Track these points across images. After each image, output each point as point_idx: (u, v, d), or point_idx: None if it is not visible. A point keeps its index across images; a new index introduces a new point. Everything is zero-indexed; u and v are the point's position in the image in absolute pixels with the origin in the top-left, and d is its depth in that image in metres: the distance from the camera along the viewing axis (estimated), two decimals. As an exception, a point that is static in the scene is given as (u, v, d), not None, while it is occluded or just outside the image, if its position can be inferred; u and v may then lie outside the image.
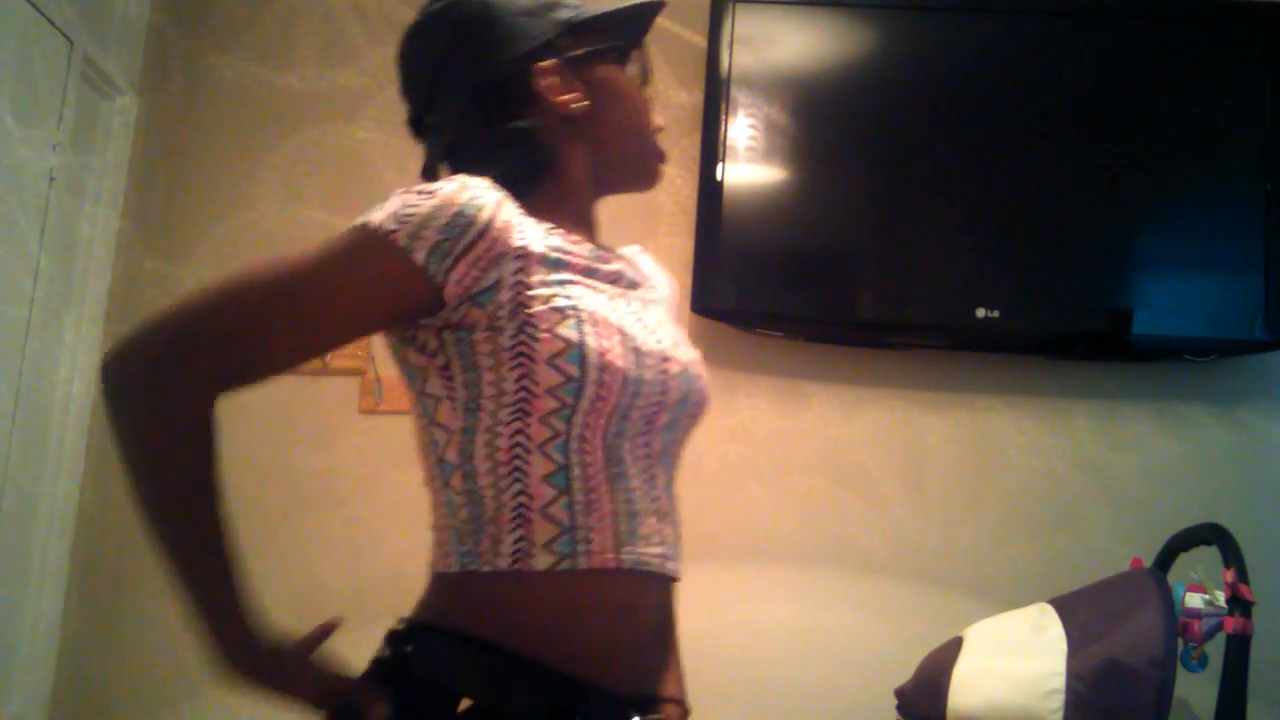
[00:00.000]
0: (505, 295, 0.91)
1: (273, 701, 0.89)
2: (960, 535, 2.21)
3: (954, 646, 1.77)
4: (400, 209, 0.91)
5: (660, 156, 1.11)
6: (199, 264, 2.35)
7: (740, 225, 2.21)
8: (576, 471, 0.92)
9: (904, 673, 1.85)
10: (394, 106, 2.63)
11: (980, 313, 2.13)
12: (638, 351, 0.94)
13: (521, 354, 0.90)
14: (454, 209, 0.91)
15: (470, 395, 0.93)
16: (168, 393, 0.85)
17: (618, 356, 0.92)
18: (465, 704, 0.90)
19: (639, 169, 1.11)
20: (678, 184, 2.33)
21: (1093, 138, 2.22)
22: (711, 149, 2.23)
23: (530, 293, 0.91)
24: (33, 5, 1.96)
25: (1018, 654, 1.67)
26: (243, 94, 2.41)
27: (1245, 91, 2.20)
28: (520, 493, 0.91)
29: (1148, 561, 1.88)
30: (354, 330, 0.94)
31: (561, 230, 0.99)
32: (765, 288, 2.23)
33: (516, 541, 0.90)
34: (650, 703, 0.97)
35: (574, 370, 0.90)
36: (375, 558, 2.19)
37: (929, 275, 2.22)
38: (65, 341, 2.16)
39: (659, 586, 0.98)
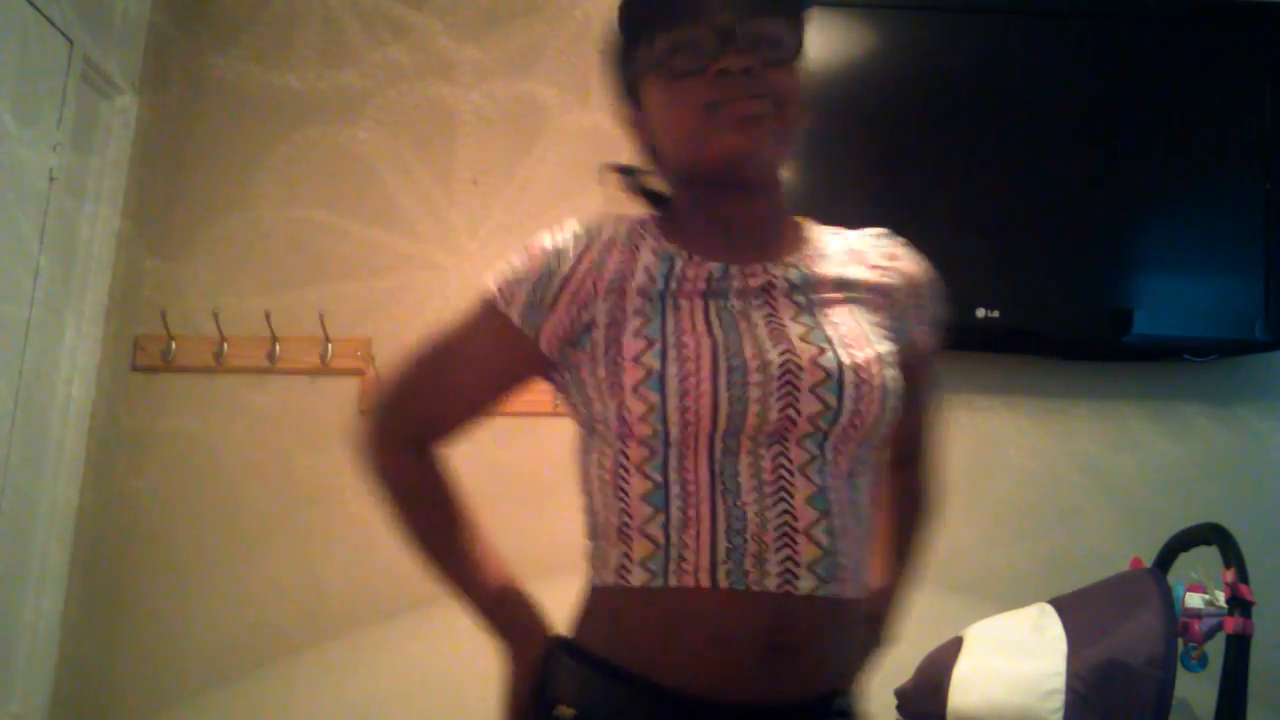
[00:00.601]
0: (599, 334, 0.99)
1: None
2: (960, 535, 2.21)
3: (954, 646, 1.78)
4: (503, 269, 1.03)
5: (714, 138, 0.97)
6: (199, 264, 2.35)
7: (740, 225, 2.21)
8: (675, 490, 0.94)
9: (904, 673, 1.85)
10: (394, 106, 2.64)
11: (980, 313, 2.13)
12: (730, 370, 0.94)
13: (614, 384, 0.96)
14: (539, 263, 1.02)
15: (587, 422, 1.01)
16: (373, 460, 1.09)
17: (704, 380, 0.93)
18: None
19: (705, 166, 1.00)
20: (678, 184, 2.33)
21: (1093, 138, 2.22)
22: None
23: (621, 325, 0.97)
24: (33, 5, 1.96)
25: (1018, 654, 1.67)
26: (243, 94, 2.41)
27: (1245, 91, 2.20)
28: (622, 511, 0.96)
29: (1148, 561, 1.88)
30: (497, 388, 1.06)
31: (682, 248, 1.02)
32: (765, 288, 2.23)
33: (620, 557, 0.96)
34: (750, 714, 0.93)
35: (655, 397, 0.94)
36: (375, 558, 2.19)
37: (929, 275, 2.21)
38: (65, 341, 2.16)
39: (771, 604, 0.92)
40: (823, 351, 0.97)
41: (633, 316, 0.97)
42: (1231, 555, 1.65)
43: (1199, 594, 1.77)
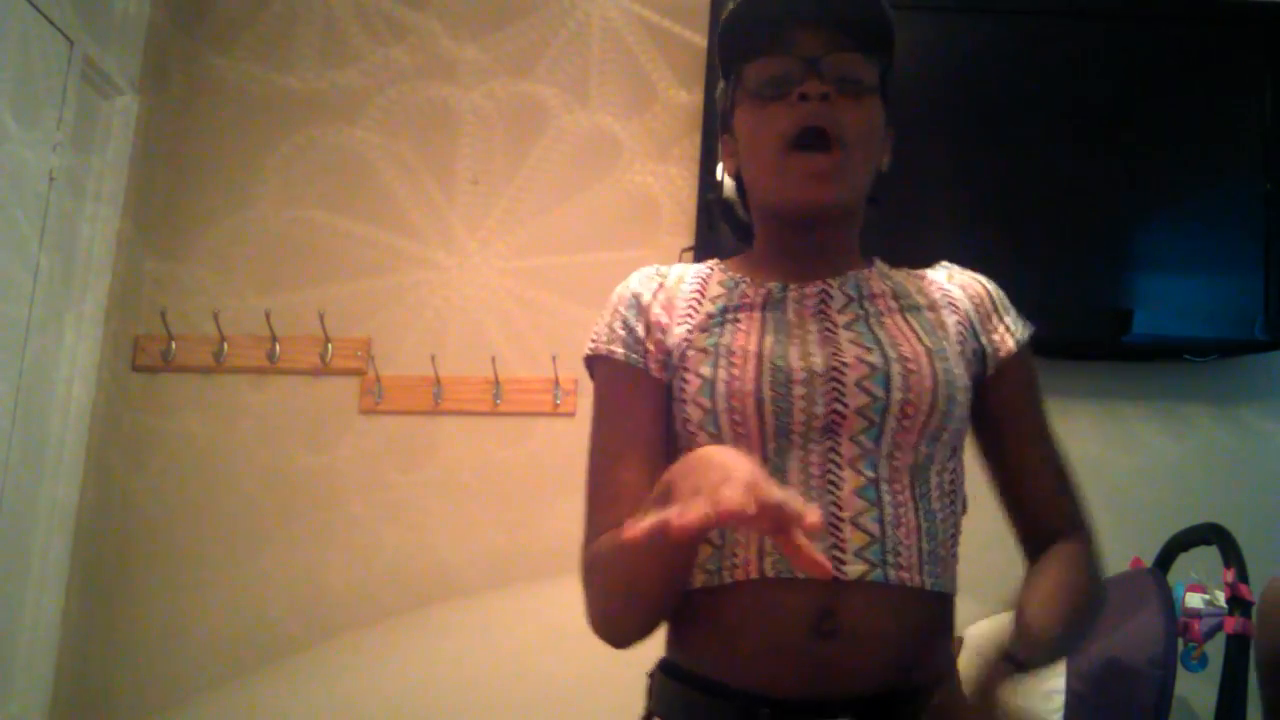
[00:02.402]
0: (676, 355, 1.04)
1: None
2: (960, 535, 2.20)
3: (954, 647, 1.77)
4: (593, 330, 1.10)
5: (787, 184, 1.04)
6: (199, 264, 2.35)
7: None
8: None
9: (904, 673, 1.84)
10: (394, 106, 2.64)
11: (980, 313, 2.13)
12: (774, 372, 0.99)
13: (680, 397, 1.02)
14: (623, 302, 1.09)
15: (674, 435, 1.05)
16: (584, 550, 1.04)
17: (747, 381, 0.98)
18: None
19: (782, 202, 1.06)
20: (678, 184, 2.33)
21: (1093, 138, 2.22)
22: (711, 149, 2.22)
23: (690, 343, 1.04)
24: (33, 5, 1.96)
25: (1018, 654, 1.67)
26: (243, 94, 2.41)
27: (1245, 91, 2.20)
28: None
29: (1148, 561, 1.88)
30: (642, 434, 1.05)
31: (746, 275, 1.09)
32: (765, 288, 2.23)
33: None
34: (814, 708, 0.92)
35: (707, 403, 0.99)
36: (375, 558, 2.19)
37: (929, 275, 2.21)
38: (65, 341, 2.16)
39: (819, 590, 0.93)
40: (870, 350, 1.01)
41: (698, 334, 1.04)
42: (1231, 555, 1.65)
43: (1199, 594, 1.77)
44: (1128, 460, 2.24)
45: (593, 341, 1.09)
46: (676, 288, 1.10)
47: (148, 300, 2.32)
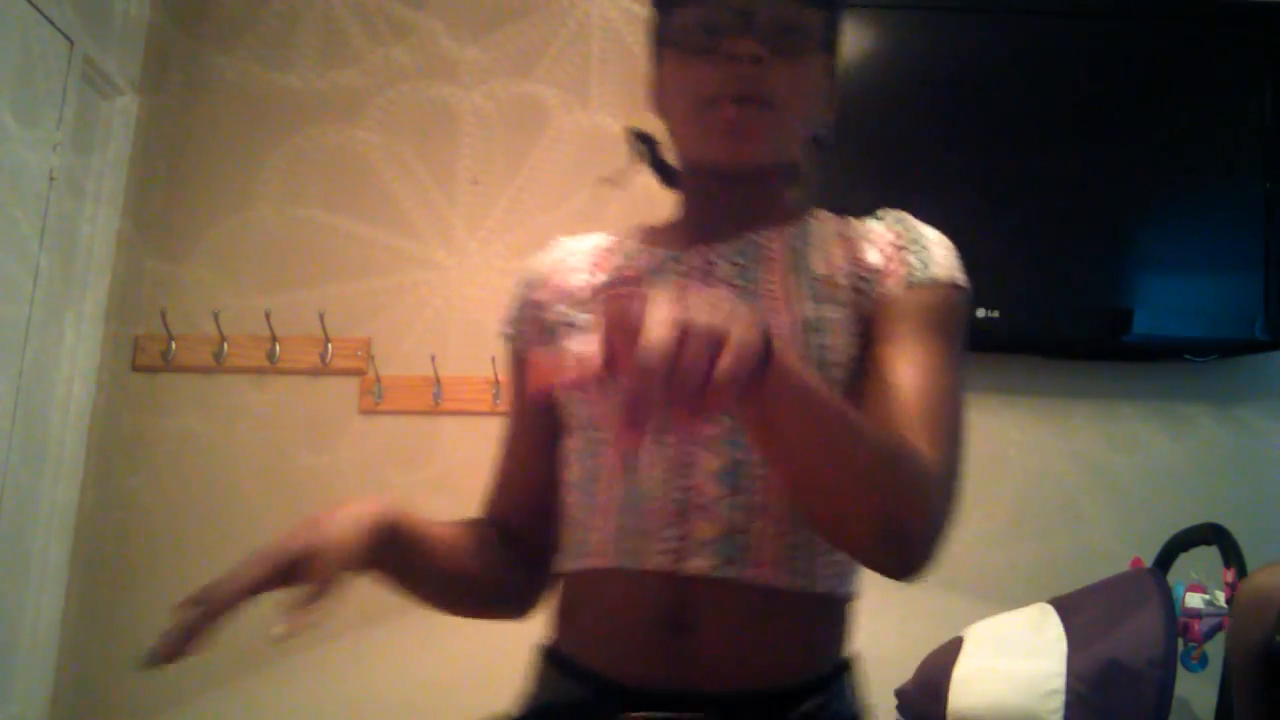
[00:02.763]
0: (559, 333, 1.00)
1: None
2: (960, 535, 2.19)
3: (954, 646, 1.77)
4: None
5: (707, 137, 0.94)
6: (199, 264, 2.35)
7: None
8: (597, 475, 0.94)
9: (904, 673, 1.85)
10: (394, 106, 2.64)
11: (980, 313, 2.13)
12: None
13: None
14: (520, 284, 1.08)
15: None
16: None
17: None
18: None
19: (701, 150, 0.97)
20: (678, 184, 2.33)
21: (1093, 137, 2.22)
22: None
23: (565, 321, 1.00)
24: (33, 5, 1.96)
25: (1018, 654, 1.67)
26: (243, 94, 2.41)
27: (1245, 91, 2.20)
28: (564, 502, 0.99)
29: (1148, 561, 1.88)
30: (528, 421, 1.04)
31: (649, 243, 1.03)
32: (765, 288, 2.23)
33: (561, 547, 0.99)
34: (671, 699, 0.86)
35: None
36: (375, 558, 2.19)
37: (929, 275, 2.21)
38: (65, 341, 2.16)
39: (662, 584, 0.87)
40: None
41: (576, 309, 1.00)
42: (1231, 555, 1.65)
43: (1199, 594, 1.77)
44: (1128, 460, 2.24)
45: (506, 322, 1.09)
46: (568, 256, 1.06)
47: (148, 300, 2.32)
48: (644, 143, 1.10)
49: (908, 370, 0.88)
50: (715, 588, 0.87)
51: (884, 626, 2.17)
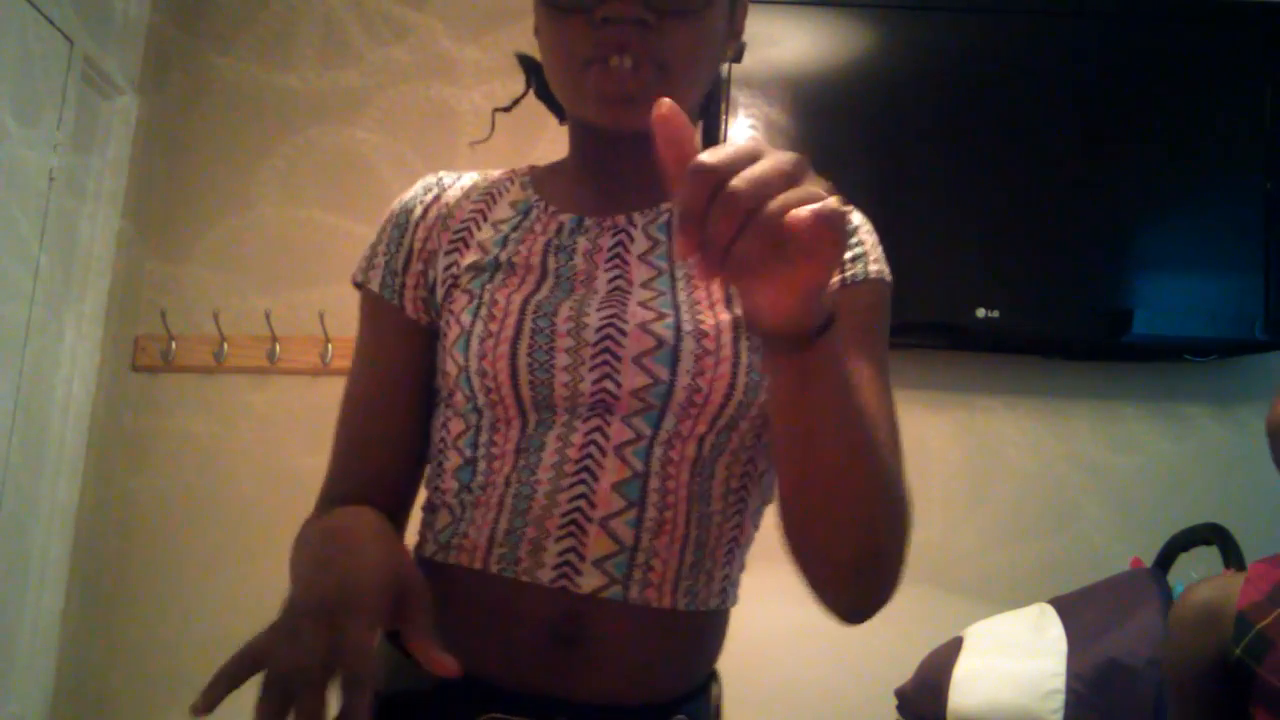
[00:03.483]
0: (441, 290, 0.89)
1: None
2: (960, 535, 2.21)
3: (954, 646, 1.77)
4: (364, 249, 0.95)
5: (586, 102, 0.84)
6: (199, 264, 2.36)
7: (740, 225, 2.20)
8: (482, 465, 0.84)
9: (904, 673, 1.85)
10: (394, 106, 2.63)
11: (980, 313, 2.13)
12: (534, 333, 0.82)
13: (443, 342, 0.87)
14: (390, 222, 0.93)
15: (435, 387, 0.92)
16: (320, 497, 0.95)
17: (503, 343, 0.82)
18: None
19: (582, 113, 0.87)
20: (678, 184, 2.33)
21: (1093, 138, 2.22)
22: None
23: (457, 280, 0.88)
24: (33, 5, 1.96)
25: (1018, 654, 1.67)
26: (243, 94, 2.41)
27: (1245, 91, 2.20)
28: (438, 487, 0.89)
29: (1148, 561, 1.88)
30: (393, 381, 0.92)
31: (544, 198, 0.91)
32: (765, 288, 2.23)
33: (425, 528, 0.89)
34: (548, 705, 0.80)
35: (461, 359, 0.84)
36: (375, 558, 2.19)
37: (929, 275, 2.21)
38: (65, 341, 2.16)
39: (545, 599, 0.81)
40: (661, 317, 0.82)
41: (467, 271, 0.87)
42: (1231, 555, 1.65)
43: (1199, 594, 1.76)
44: (1128, 460, 2.24)
45: (357, 267, 0.93)
46: (457, 204, 0.91)
47: (148, 300, 2.32)
48: (535, 73, 0.98)
49: (863, 389, 0.79)
50: (601, 606, 0.80)
51: (884, 626, 2.17)
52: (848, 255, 0.87)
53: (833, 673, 2.15)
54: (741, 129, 2.24)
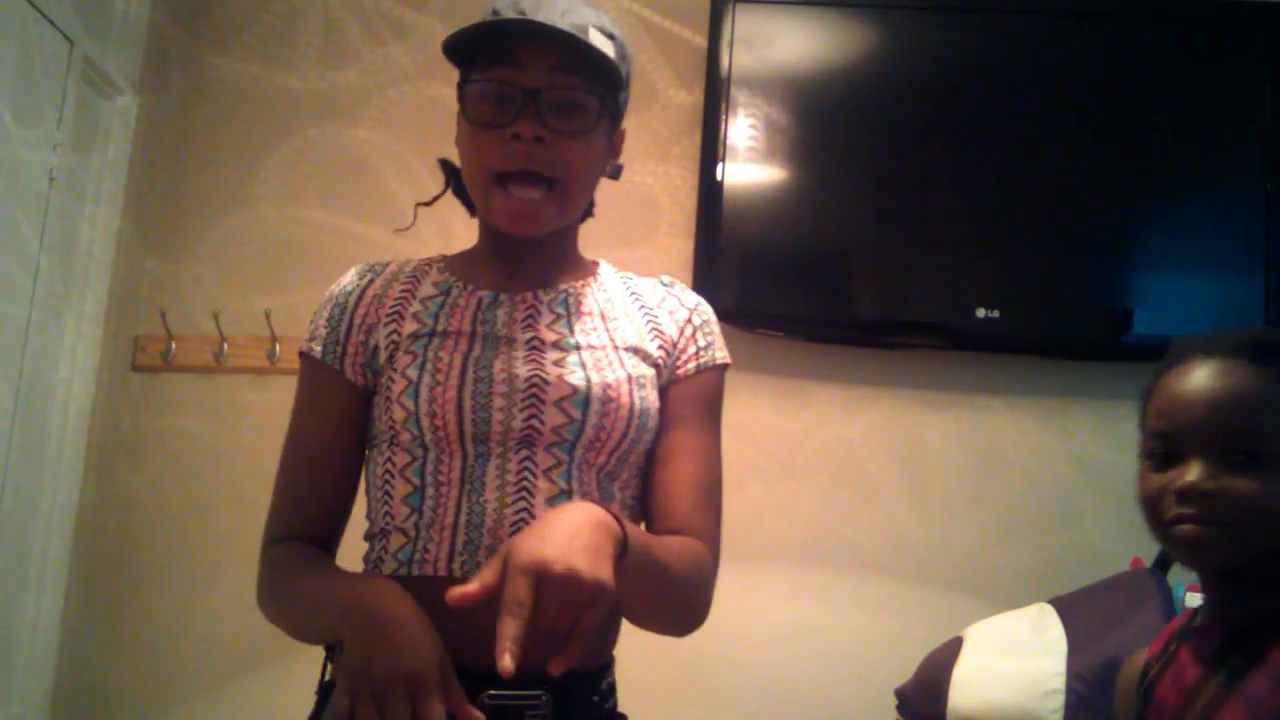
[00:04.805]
0: (382, 356, 1.08)
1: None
2: (960, 535, 2.21)
3: (954, 646, 1.77)
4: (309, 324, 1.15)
5: (495, 211, 1.07)
6: (199, 264, 2.35)
7: (740, 225, 2.21)
8: (430, 491, 1.03)
9: (904, 673, 1.85)
10: (394, 106, 2.63)
11: (980, 313, 2.13)
12: (476, 381, 1.03)
13: (386, 397, 1.05)
14: (331, 300, 1.15)
15: (372, 438, 1.10)
16: (266, 543, 1.19)
17: (450, 389, 1.02)
18: None
19: (492, 221, 1.10)
20: (678, 184, 2.33)
21: (1093, 137, 2.22)
22: (711, 149, 2.23)
23: (397, 346, 1.07)
24: (33, 5, 1.96)
25: (1018, 654, 1.67)
26: (243, 94, 2.41)
27: (1245, 91, 2.20)
28: (386, 513, 1.06)
29: (1148, 561, 1.88)
30: (342, 440, 1.12)
31: (461, 277, 1.12)
32: (765, 288, 2.23)
33: (379, 551, 1.06)
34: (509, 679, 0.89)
35: (411, 405, 1.03)
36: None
37: (929, 275, 2.22)
38: (65, 341, 2.16)
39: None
40: (574, 371, 1.05)
41: (407, 339, 1.07)
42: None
43: (1199, 594, 1.76)
44: (1128, 460, 2.22)
45: (306, 339, 1.14)
46: (388, 285, 1.13)
47: (148, 300, 2.32)
48: (452, 174, 1.21)
49: (693, 462, 1.10)
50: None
51: (884, 626, 2.18)
52: (702, 343, 1.15)
53: (833, 673, 2.15)
54: (741, 129, 2.24)
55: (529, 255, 1.12)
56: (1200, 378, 1.09)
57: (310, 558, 1.08)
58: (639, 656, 1.15)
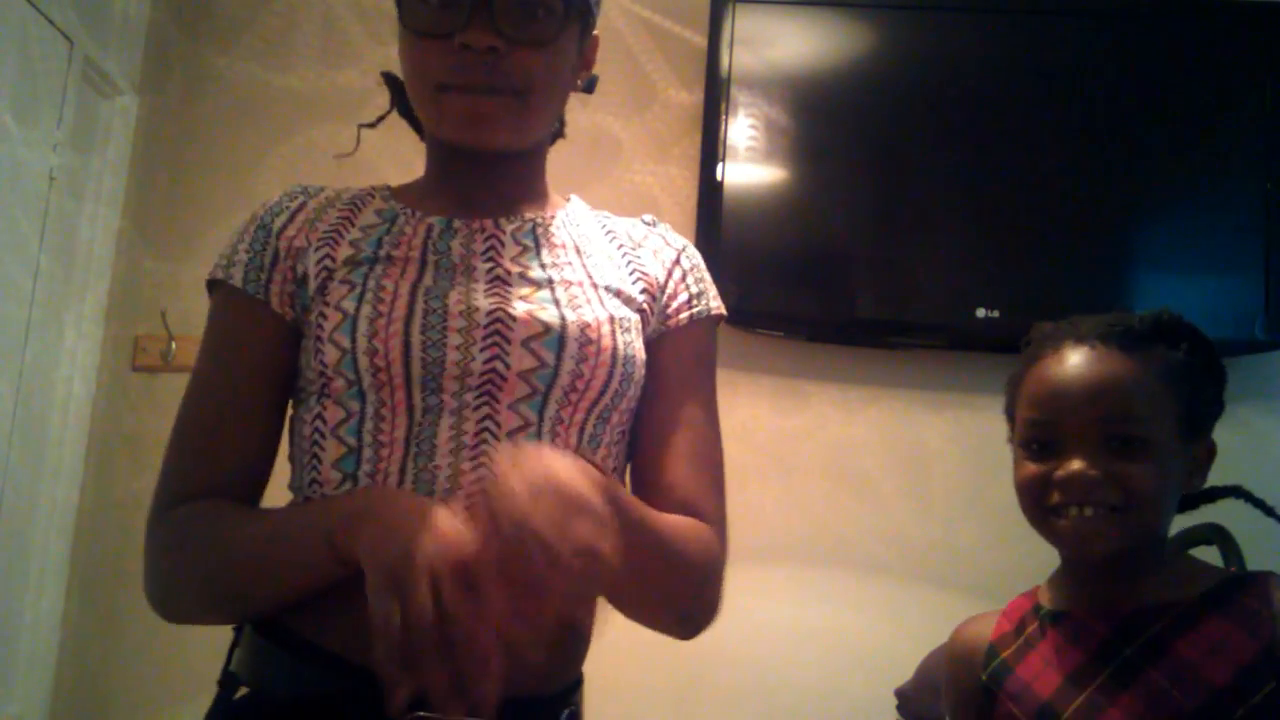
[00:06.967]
0: (311, 287, 0.91)
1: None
2: (960, 535, 2.21)
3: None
4: (222, 248, 0.96)
5: (444, 123, 0.91)
6: (199, 264, 2.35)
7: (740, 225, 2.21)
8: (368, 454, 0.86)
9: (904, 673, 1.85)
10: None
11: (980, 313, 2.13)
12: (426, 313, 0.86)
13: (315, 333, 0.88)
14: (254, 222, 0.95)
15: (299, 387, 0.93)
16: (161, 506, 0.96)
17: (395, 321, 0.85)
18: None
19: (442, 133, 0.94)
20: (678, 184, 2.33)
21: (1093, 137, 2.22)
22: (711, 149, 2.23)
23: (331, 276, 0.90)
24: (33, 5, 1.96)
25: (1018, 654, 1.67)
26: (243, 94, 2.41)
27: (1245, 91, 2.20)
28: (314, 480, 0.89)
29: (1148, 561, 1.88)
30: (265, 379, 0.91)
31: (408, 205, 0.95)
32: (765, 288, 2.23)
33: None
34: None
35: (346, 342, 0.85)
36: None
37: (929, 275, 2.22)
38: (65, 341, 2.16)
39: None
40: (545, 308, 0.88)
41: (342, 266, 0.90)
42: (1232, 555, 1.65)
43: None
44: (1128, 460, 2.24)
45: (215, 264, 0.94)
46: (322, 210, 0.95)
47: (148, 300, 2.32)
48: (399, 92, 1.04)
49: (693, 434, 0.94)
50: None
51: (884, 626, 2.18)
52: (695, 290, 0.99)
53: (833, 673, 2.15)
54: (741, 129, 2.24)
55: (487, 176, 0.95)
56: (1074, 365, 1.07)
57: (240, 509, 0.89)
58: (638, 657, 1.15)
